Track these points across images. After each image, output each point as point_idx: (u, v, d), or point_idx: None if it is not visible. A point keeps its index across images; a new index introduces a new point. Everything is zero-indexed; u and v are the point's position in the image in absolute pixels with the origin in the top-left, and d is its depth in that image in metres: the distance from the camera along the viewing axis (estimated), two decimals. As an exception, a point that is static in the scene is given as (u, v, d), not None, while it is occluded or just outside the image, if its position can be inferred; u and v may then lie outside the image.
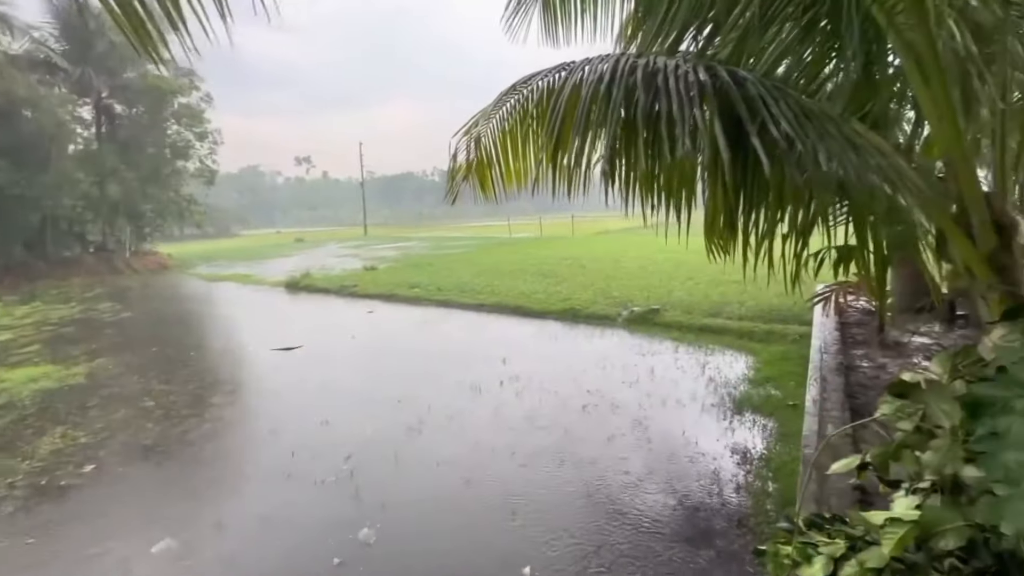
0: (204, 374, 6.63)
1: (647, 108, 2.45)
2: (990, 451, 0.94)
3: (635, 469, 3.81)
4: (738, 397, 5.04)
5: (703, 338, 7.23)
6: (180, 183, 22.30)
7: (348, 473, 3.90)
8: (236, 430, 4.94)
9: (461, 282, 12.33)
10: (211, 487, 3.92)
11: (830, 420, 2.63)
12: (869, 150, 2.43)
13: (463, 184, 3.65)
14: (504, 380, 5.84)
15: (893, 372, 3.48)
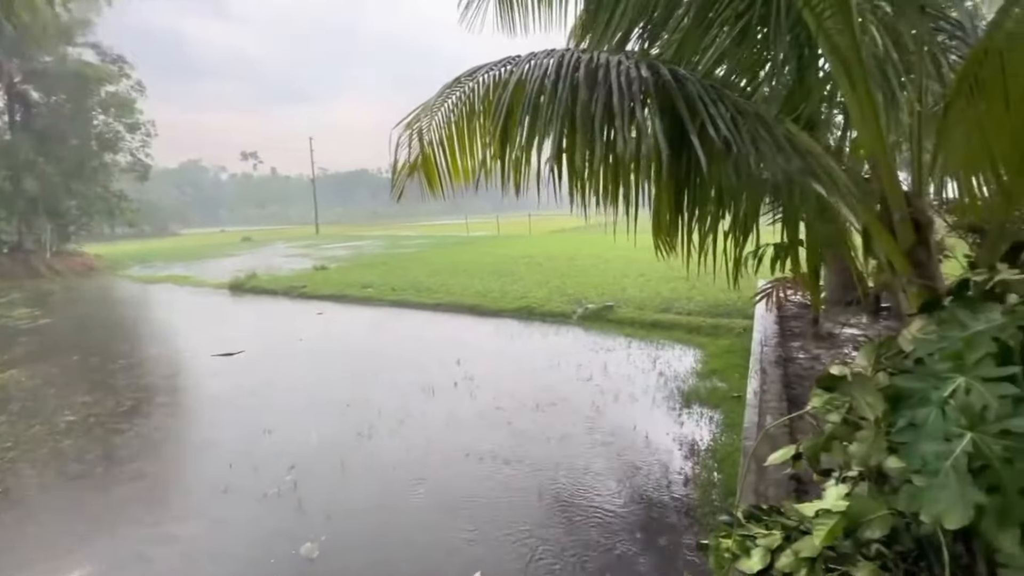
0: (134, 384, 6.15)
1: (591, 104, 2.43)
2: (910, 442, 0.96)
3: (587, 466, 3.82)
4: (686, 391, 5.18)
5: (654, 333, 7.41)
6: (109, 178, 20.65)
7: (291, 484, 3.70)
8: (168, 444, 4.59)
9: (415, 281, 12.10)
10: (136, 509, 3.61)
11: (769, 411, 2.73)
12: (800, 151, 2.53)
13: (412, 181, 3.55)
14: (458, 381, 5.75)
15: (826, 362, 3.66)
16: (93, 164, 19.31)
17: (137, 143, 21.61)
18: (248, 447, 4.34)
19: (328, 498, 3.53)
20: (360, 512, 3.37)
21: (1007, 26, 1.47)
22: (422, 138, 3.25)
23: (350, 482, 3.74)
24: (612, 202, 2.75)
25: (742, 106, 2.47)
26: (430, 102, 2.92)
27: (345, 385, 5.82)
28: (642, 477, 3.64)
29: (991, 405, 0.84)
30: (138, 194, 27.10)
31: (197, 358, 7.18)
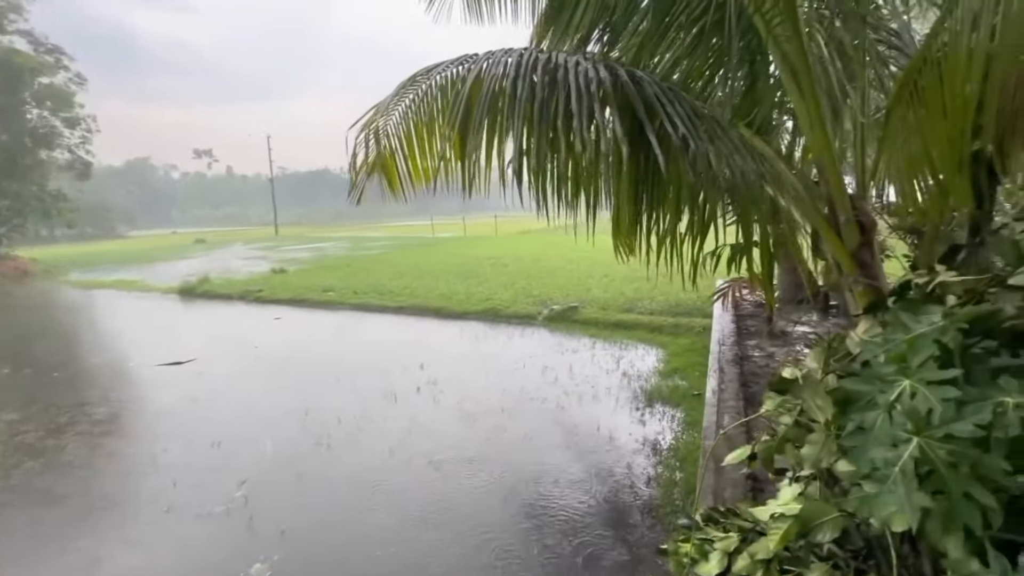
0: (69, 397, 5.71)
1: (551, 105, 2.41)
2: (858, 446, 0.96)
3: (552, 468, 3.80)
4: (649, 390, 5.25)
5: (618, 333, 7.50)
6: (45, 176, 19.25)
7: (242, 500, 3.51)
8: (105, 462, 4.28)
9: (379, 284, 11.84)
10: (65, 533, 3.34)
11: (727, 411, 2.77)
12: (754, 154, 2.58)
13: (372, 183, 3.44)
14: (422, 385, 5.63)
15: (781, 360, 3.77)
16: (26, 161, 17.94)
17: (76, 139, 20.26)
18: (195, 462, 4.10)
19: (282, 513, 3.36)
20: (317, 527, 3.23)
21: (944, 37, 1.52)
22: (379, 139, 3.15)
23: (307, 495, 3.58)
24: (573, 204, 2.74)
25: (698, 108, 2.50)
26: (385, 101, 2.82)
27: (303, 393, 5.60)
28: (606, 478, 3.65)
29: (935, 409, 0.84)
30: (80, 194, 25.44)
31: (142, 368, 6.75)
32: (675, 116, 2.34)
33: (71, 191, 22.02)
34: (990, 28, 1.33)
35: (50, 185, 19.52)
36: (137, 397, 5.77)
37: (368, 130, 2.92)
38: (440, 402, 5.18)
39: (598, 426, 4.50)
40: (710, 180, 2.45)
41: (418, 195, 3.20)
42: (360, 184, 3.07)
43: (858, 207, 2.56)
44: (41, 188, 18.81)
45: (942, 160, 1.80)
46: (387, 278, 12.74)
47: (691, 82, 3.37)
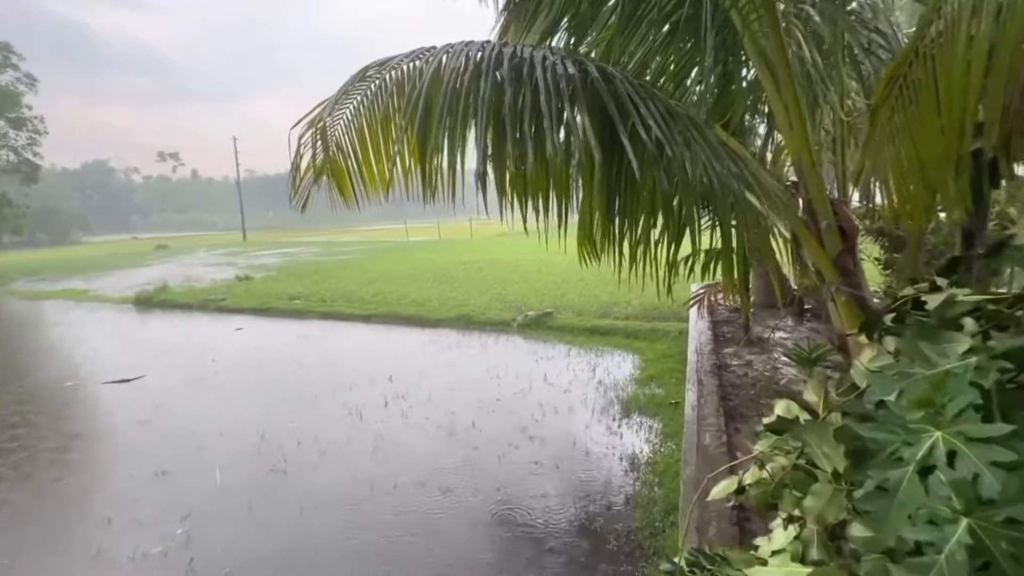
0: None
1: (516, 103, 2.21)
2: (879, 511, 0.77)
3: (525, 488, 3.58)
4: (625, 399, 5.09)
5: (594, 340, 7.34)
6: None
7: (183, 538, 3.17)
8: (27, 497, 3.85)
9: (348, 291, 11.44)
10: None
11: (707, 428, 2.61)
12: (731, 156, 2.42)
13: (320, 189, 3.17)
14: (389, 400, 5.35)
15: (759, 369, 3.65)
16: (-34, 164, 16.82)
17: (24, 141, 19.12)
18: (135, 494, 3.73)
19: (228, 554, 3.05)
20: (267, 566, 2.93)
21: (938, 26, 1.38)
22: (327, 139, 2.89)
23: (256, 531, 3.26)
24: (544, 208, 2.53)
25: (673, 108, 2.34)
26: (333, 98, 2.57)
27: (261, 412, 5.24)
28: (581, 497, 3.45)
29: (983, 475, 0.66)
30: (27, 198, 24.02)
31: (86, 387, 6.25)
32: (648, 117, 2.17)
33: (19, 195, 20.75)
34: (994, 13, 1.19)
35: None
36: (75, 419, 5.30)
37: (315, 129, 2.66)
38: (408, 418, 4.91)
39: (573, 440, 4.31)
40: (685, 186, 2.29)
41: (389, 199, 2.93)
42: (305, 189, 2.81)
43: (839, 212, 2.43)
44: (-18, 193, 17.66)
45: (933, 161, 1.68)
46: (357, 285, 12.34)
47: (664, 82, 3.23)
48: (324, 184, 2.88)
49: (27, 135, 19.31)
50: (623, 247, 2.57)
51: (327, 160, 2.95)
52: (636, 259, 2.61)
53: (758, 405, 3.00)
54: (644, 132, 2.11)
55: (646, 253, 2.59)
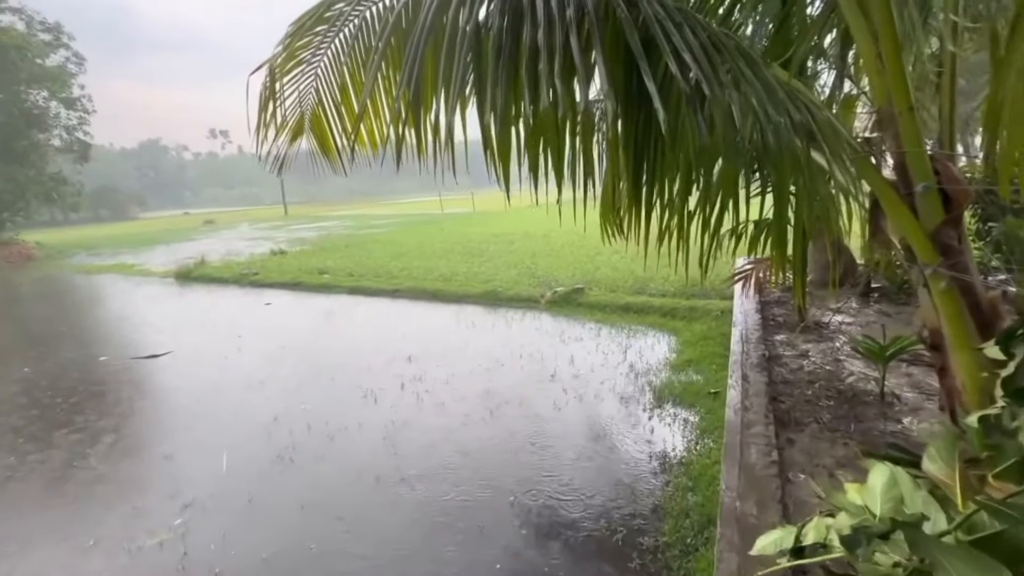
0: (31, 397, 5.34)
1: (510, 42, 1.73)
2: None
3: (543, 489, 3.24)
4: (659, 386, 4.63)
5: (626, 318, 6.84)
6: (43, 159, 18.95)
7: (181, 530, 3.04)
8: (31, 484, 3.84)
9: (377, 265, 11.30)
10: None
11: (753, 439, 2.15)
12: (795, 101, 1.86)
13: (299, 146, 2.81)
14: (406, 382, 5.10)
15: (817, 362, 3.10)
16: (22, 144, 17.61)
17: (75, 120, 19.86)
18: (139, 479, 3.65)
19: (223, 548, 2.88)
20: (261, 565, 2.74)
21: None
22: (302, 90, 2.50)
23: (255, 525, 3.09)
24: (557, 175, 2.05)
25: (718, 37, 1.79)
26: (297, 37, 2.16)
27: (276, 392, 5.12)
28: (605, 502, 3.08)
29: None
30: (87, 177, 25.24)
31: (114, 362, 6.36)
32: (684, 49, 1.64)
33: (78, 174, 21.79)
34: None
35: (49, 168, 19.24)
36: (99, 396, 5.35)
37: (281, 76, 2.27)
38: (424, 402, 4.65)
39: (599, 433, 3.93)
40: (731, 140, 1.76)
41: (421, 171, 2.51)
42: (279, 148, 2.45)
43: (943, 171, 1.85)
44: (40, 171, 18.53)
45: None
46: (387, 258, 12.20)
47: (706, 16, 2.63)
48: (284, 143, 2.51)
49: (78, 115, 20.01)
50: (650, 219, 2.09)
51: (303, 114, 2.57)
52: (669, 231, 2.13)
53: (817, 409, 2.49)
54: (678, 69, 1.60)
55: (681, 225, 2.10)
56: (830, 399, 2.59)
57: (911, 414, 2.43)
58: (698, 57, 1.62)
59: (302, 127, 2.56)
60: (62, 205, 20.61)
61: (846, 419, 2.41)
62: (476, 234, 15.80)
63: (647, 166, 2.04)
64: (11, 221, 18.95)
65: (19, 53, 16.51)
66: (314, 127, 2.63)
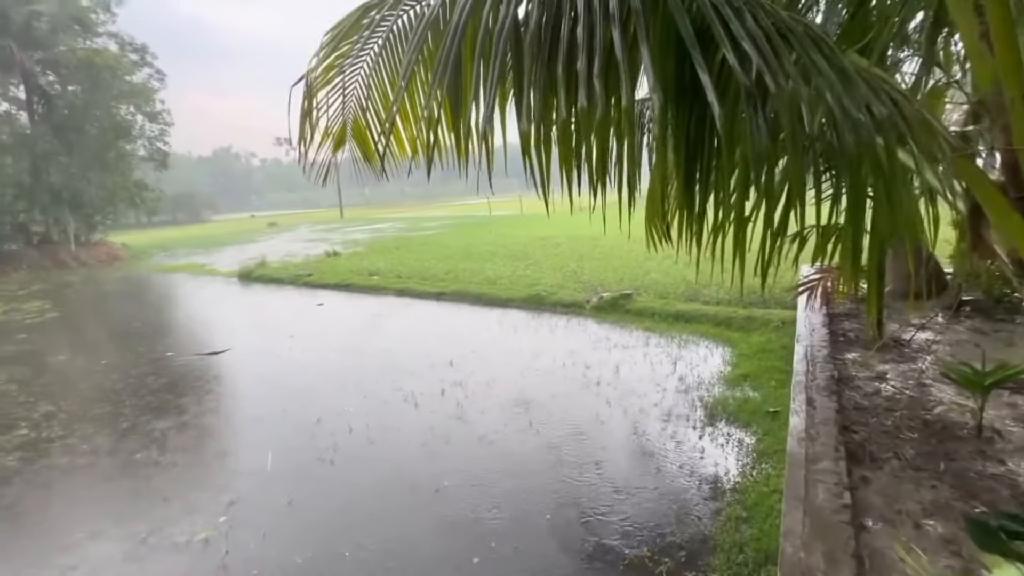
0: (101, 390, 5.75)
1: (548, 38, 1.61)
2: None
3: (583, 507, 3.08)
4: (711, 402, 4.33)
5: (677, 327, 6.51)
6: (128, 167, 20.74)
7: (225, 528, 3.12)
8: (106, 467, 4.09)
9: (424, 268, 11.45)
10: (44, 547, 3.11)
11: (820, 477, 1.89)
12: (877, 94, 1.62)
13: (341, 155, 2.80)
14: (447, 387, 5.07)
15: (896, 386, 2.75)
16: (112, 154, 19.35)
17: (156, 132, 21.61)
18: (190, 476, 3.81)
19: (262, 549, 2.92)
20: (295, 570, 2.75)
21: None
22: (346, 98, 2.48)
23: (294, 527, 3.11)
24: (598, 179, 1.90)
25: (786, 22, 1.58)
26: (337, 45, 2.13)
27: (322, 393, 5.23)
28: (648, 527, 2.87)
29: None
30: (167, 184, 27.43)
31: (179, 358, 6.75)
32: (744, 38, 1.44)
33: (161, 181, 23.71)
34: None
35: (135, 175, 21.03)
36: (163, 390, 5.66)
37: (321, 85, 2.25)
38: (464, 409, 4.58)
39: (643, 450, 3.71)
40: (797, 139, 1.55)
41: (463, 175, 2.45)
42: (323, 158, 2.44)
43: (1067, 171, 1.55)
44: (126, 179, 20.28)
45: None
46: (434, 260, 12.35)
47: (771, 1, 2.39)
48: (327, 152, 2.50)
49: (159, 127, 21.75)
50: (701, 224, 1.89)
51: (346, 123, 2.55)
52: (724, 236, 1.92)
53: (897, 442, 2.19)
54: (736, 60, 1.41)
55: (738, 230, 1.89)
56: (914, 431, 2.27)
57: (1017, 454, 2.07)
58: (760, 46, 1.42)
59: (344, 135, 2.55)
60: (144, 209, 22.46)
61: (934, 456, 2.09)
62: (522, 236, 15.72)
63: (700, 167, 1.85)
64: (101, 224, 20.88)
65: (111, 72, 18.15)
66: (356, 134, 2.62)
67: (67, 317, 10.09)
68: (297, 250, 18.08)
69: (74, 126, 18.33)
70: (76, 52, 17.89)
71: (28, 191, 17.21)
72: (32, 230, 19.03)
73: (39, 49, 18.16)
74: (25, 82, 18.05)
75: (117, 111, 19.81)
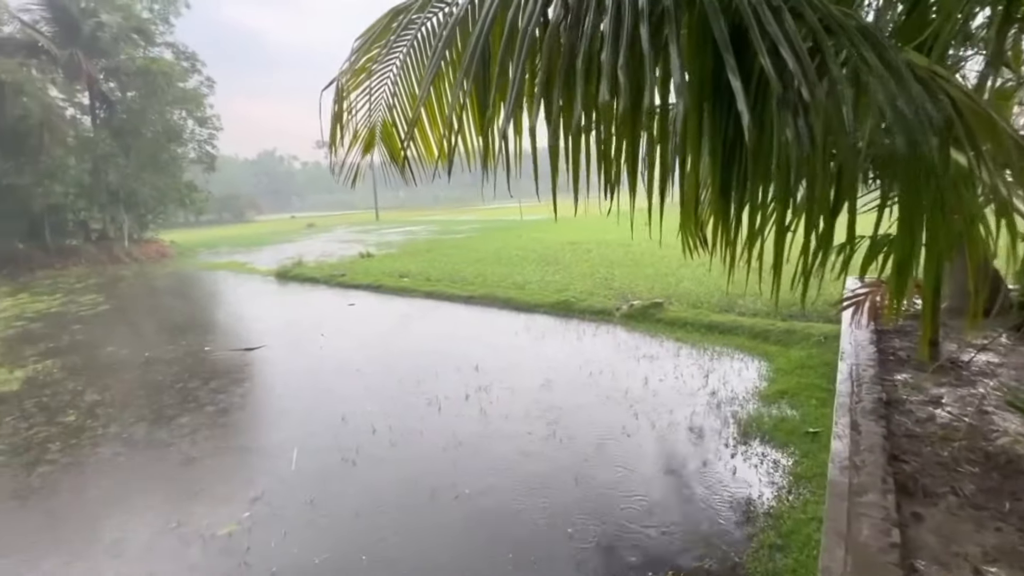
0: (144, 381, 6.00)
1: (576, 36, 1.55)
2: None
3: (606, 521, 2.97)
4: (744, 419, 4.12)
5: (710, 338, 6.27)
6: (180, 169, 21.84)
7: (248, 524, 3.16)
8: (142, 457, 4.24)
9: (454, 271, 11.51)
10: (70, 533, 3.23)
11: (864, 510, 1.74)
12: (934, 95, 1.48)
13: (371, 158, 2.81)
14: (471, 392, 5.03)
15: (954, 413, 2.52)
16: (164, 156, 20.42)
17: (205, 136, 22.66)
18: (219, 471, 3.90)
19: (282, 547, 2.95)
20: (313, 570, 2.76)
21: None
22: (373, 102, 2.48)
23: (314, 527, 3.13)
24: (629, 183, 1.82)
25: (834, 17, 1.46)
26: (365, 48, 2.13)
27: (347, 393, 5.29)
28: (674, 549, 2.74)
29: None
30: (215, 185, 28.74)
31: (217, 352, 6.99)
32: (783, 40, 1.34)
33: (209, 182, 24.85)
34: None
35: (184, 177, 22.12)
36: (197, 385, 5.84)
37: (351, 89, 2.26)
38: (487, 415, 4.53)
39: (671, 466, 3.56)
40: (845, 145, 1.43)
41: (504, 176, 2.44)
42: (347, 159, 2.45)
43: None
44: (176, 180, 21.36)
45: None
46: (464, 264, 12.40)
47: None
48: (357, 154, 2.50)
49: (208, 131, 22.80)
50: (737, 232, 1.78)
51: (373, 127, 2.55)
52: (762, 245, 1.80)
53: (955, 476, 1.99)
54: (772, 66, 1.31)
55: (778, 240, 1.76)
56: (974, 464, 2.06)
57: (1095, 495, 1.85)
58: (799, 51, 1.31)
59: (374, 138, 2.55)
60: (193, 209, 23.55)
61: (998, 494, 1.88)
62: (552, 241, 15.60)
63: (736, 172, 1.74)
64: (153, 222, 22.07)
65: (167, 79, 19.18)
66: (384, 137, 2.62)
67: (118, 310, 10.64)
68: (332, 250, 18.55)
69: (131, 130, 19.46)
70: (136, 60, 18.99)
71: (88, 190, 18.35)
72: (91, 227, 20.27)
73: (103, 58, 19.39)
74: (89, 88, 19.29)
75: (171, 116, 20.90)
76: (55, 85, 18.69)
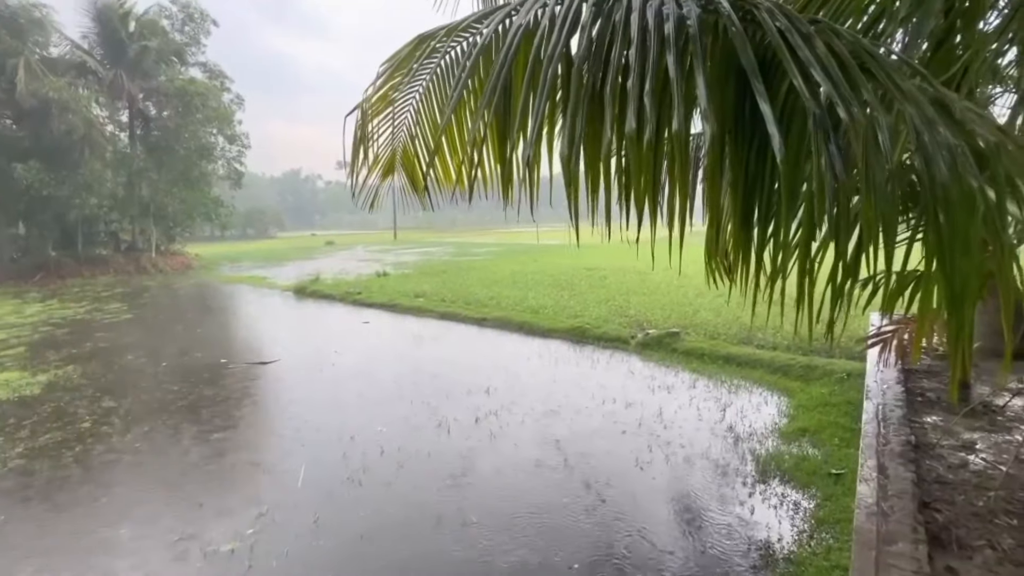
0: (159, 390, 6.06)
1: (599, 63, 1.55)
2: None
3: (615, 562, 2.84)
4: (763, 457, 3.97)
5: (727, 371, 6.12)
6: (208, 185, 22.57)
7: (251, 540, 3.11)
8: (151, 468, 4.24)
9: (468, 293, 11.53)
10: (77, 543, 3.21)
11: (894, 561, 1.63)
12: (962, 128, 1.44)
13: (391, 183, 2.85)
14: (481, 416, 4.96)
15: (989, 460, 2.39)
16: (195, 172, 21.16)
17: (233, 153, 23.42)
18: (227, 486, 3.87)
19: (284, 567, 2.89)
20: None
21: None
22: (396, 127, 2.53)
23: (316, 548, 3.06)
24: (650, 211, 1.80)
25: (865, 47, 1.45)
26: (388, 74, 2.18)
27: (358, 411, 5.26)
28: (687, 594, 2.61)
29: None
30: (241, 201, 29.54)
31: (232, 365, 7.04)
32: (814, 64, 1.33)
33: (236, 198, 25.57)
34: None
35: (212, 192, 22.83)
36: (209, 397, 5.88)
37: (374, 114, 2.30)
38: (496, 441, 4.45)
39: (685, 504, 3.42)
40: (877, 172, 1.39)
41: (524, 201, 2.45)
42: (366, 186, 2.48)
43: None
44: (205, 195, 22.06)
45: None
46: (479, 286, 12.42)
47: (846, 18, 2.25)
48: (376, 179, 2.54)
49: (237, 148, 23.58)
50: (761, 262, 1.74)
51: (394, 151, 2.59)
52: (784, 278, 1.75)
53: (992, 528, 1.87)
54: (804, 86, 1.30)
55: (802, 274, 1.71)
56: (1012, 516, 1.93)
57: None
58: (832, 73, 1.30)
59: (394, 162, 2.59)
60: (218, 223, 24.22)
61: (1040, 550, 1.76)
62: (568, 266, 15.59)
63: (759, 203, 1.71)
64: (179, 235, 22.74)
65: (202, 99, 20.03)
66: (404, 162, 2.66)
67: (140, 320, 10.86)
68: (350, 268, 18.80)
69: (165, 146, 20.27)
70: (174, 82, 19.91)
71: (121, 203, 19.06)
72: (121, 238, 20.96)
73: (144, 78, 20.38)
74: (130, 107, 20.25)
75: (204, 134, 21.71)
76: (98, 103, 19.62)
